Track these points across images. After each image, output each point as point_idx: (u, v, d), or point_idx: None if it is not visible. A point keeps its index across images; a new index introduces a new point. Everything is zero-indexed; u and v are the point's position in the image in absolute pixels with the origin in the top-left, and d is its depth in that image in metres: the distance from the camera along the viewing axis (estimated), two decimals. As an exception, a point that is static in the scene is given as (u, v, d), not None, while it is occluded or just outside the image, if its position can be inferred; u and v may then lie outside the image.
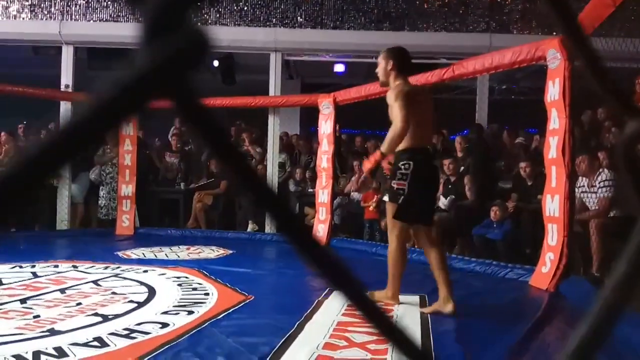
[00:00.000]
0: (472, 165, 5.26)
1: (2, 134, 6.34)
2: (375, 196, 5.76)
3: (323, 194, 5.76)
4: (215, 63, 7.76)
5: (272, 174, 6.43)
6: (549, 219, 3.56)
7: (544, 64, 3.68)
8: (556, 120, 3.51)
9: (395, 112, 2.58)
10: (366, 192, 5.96)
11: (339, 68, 7.98)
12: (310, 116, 6.92)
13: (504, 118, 7.26)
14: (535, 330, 2.45)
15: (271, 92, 6.48)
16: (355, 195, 6.20)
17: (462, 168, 5.20)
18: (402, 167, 2.65)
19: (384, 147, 2.63)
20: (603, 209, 3.87)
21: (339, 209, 6.18)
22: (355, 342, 2.14)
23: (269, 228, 6.39)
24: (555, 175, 3.52)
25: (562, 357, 0.31)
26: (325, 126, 5.80)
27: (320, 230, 5.73)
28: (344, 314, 2.59)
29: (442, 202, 5.23)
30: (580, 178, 4.07)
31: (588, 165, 4.00)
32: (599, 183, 3.94)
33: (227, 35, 6.14)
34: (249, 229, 6.61)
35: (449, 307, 2.62)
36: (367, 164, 2.78)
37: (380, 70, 2.84)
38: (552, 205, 3.53)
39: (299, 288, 3.43)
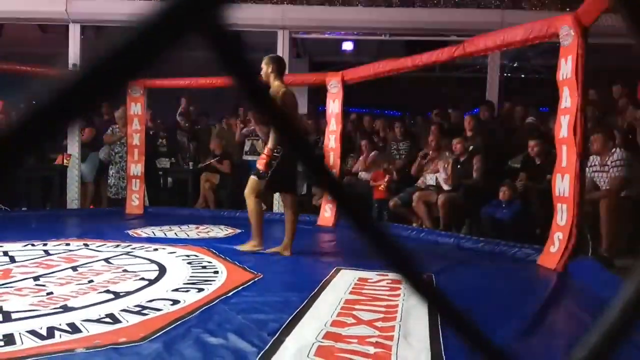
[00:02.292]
0: (482, 144, 5.21)
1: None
2: (387, 176, 5.77)
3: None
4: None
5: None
6: (559, 199, 3.53)
7: (557, 41, 3.60)
8: (568, 99, 3.45)
9: None
10: (375, 171, 5.95)
11: (348, 46, 7.89)
12: (318, 95, 6.87)
13: (515, 97, 7.17)
14: (542, 310, 2.46)
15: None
16: (364, 175, 6.18)
17: (471, 147, 5.15)
18: (275, 151, 3.50)
19: (270, 144, 3.51)
20: (614, 188, 3.83)
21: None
22: (362, 320, 2.16)
23: (276, 207, 6.42)
24: (565, 155, 3.48)
25: None
26: (333, 105, 5.76)
27: (328, 210, 5.75)
28: (351, 292, 2.62)
29: (432, 179, 5.23)
30: (592, 157, 4.02)
31: (602, 144, 3.94)
32: (612, 162, 3.89)
33: (233, 13, 6.05)
34: (257, 209, 6.64)
35: (287, 253, 3.69)
36: (263, 160, 3.58)
37: (262, 73, 3.60)
38: (562, 184, 3.50)
39: (306, 267, 3.46)
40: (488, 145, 5.25)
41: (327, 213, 5.73)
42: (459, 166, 5.11)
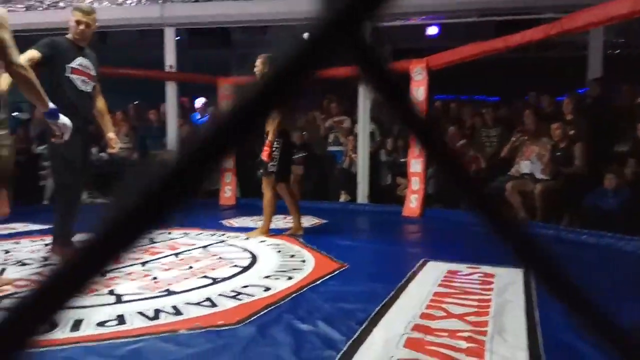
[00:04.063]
0: (584, 128, 4.79)
1: (117, 113, 6.99)
2: (473, 165, 5.53)
3: (416, 163, 5.63)
4: (306, 35, 7.77)
5: (363, 144, 6.40)
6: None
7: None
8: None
9: None
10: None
11: (432, 31, 7.62)
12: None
13: (620, 75, 6.48)
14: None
15: (361, 61, 6.38)
16: (451, 164, 5.97)
17: (571, 132, 4.76)
18: (276, 142, 3.91)
19: (270, 136, 3.88)
20: None
21: (433, 178, 6.01)
22: (453, 314, 2.10)
23: (360, 198, 6.42)
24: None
25: None
26: (418, 93, 5.61)
27: (413, 201, 5.64)
28: (440, 285, 2.55)
29: (526, 167, 4.88)
30: None
31: None
32: None
33: (310, 3, 6.11)
34: (341, 199, 6.70)
35: (300, 232, 4.12)
36: (265, 153, 3.90)
37: (257, 70, 3.89)
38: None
39: (392, 258, 3.43)
40: (591, 129, 4.82)
41: (412, 203, 5.63)
42: (558, 153, 4.75)
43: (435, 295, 2.37)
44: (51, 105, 2.39)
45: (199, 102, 7.25)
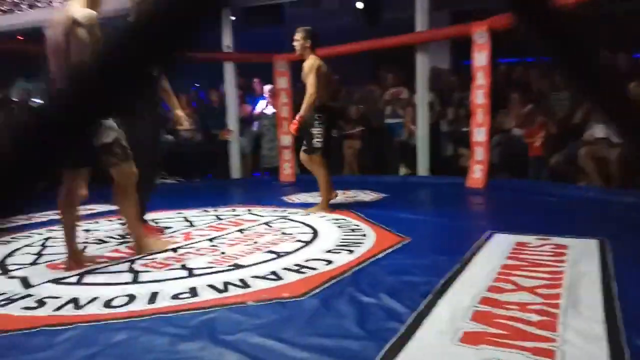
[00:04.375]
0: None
1: (180, 96, 7.24)
2: (542, 131, 5.24)
3: (479, 133, 5.41)
4: (359, 4, 7.61)
5: (422, 115, 6.22)
6: None
7: None
8: None
9: (310, 82, 3.84)
10: (530, 126, 5.43)
11: (494, -9, 7.17)
12: (462, 49, 6.42)
13: None
14: None
15: (417, 28, 6.15)
16: (517, 131, 5.69)
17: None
18: (317, 118, 3.92)
19: (302, 111, 3.88)
20: None
21: (498, 147, 5.76)
22: (523, 287, 2.02)
23: (421, 171, 6.29)
24: None
25: None
26: (480, 57, 5.34)
27: (477, 171, 5.44)
28: (508, 257, 2.46)
29: (602, 130, 4.51)
30: None
31: None
32: None
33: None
34: (400, 173, 6.60)
35: (327, 210, 4.02)
36: (293, 126, 3.97)
37: (298, 45, 3.96)
38: None
39: (456, 231, 3.35)
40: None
41: (476, 174, 5.44)
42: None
43: (504, 267, 2.30)
44: None
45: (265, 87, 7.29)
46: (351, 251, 2.73)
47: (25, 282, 2.35)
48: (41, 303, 2.05)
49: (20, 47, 7.35)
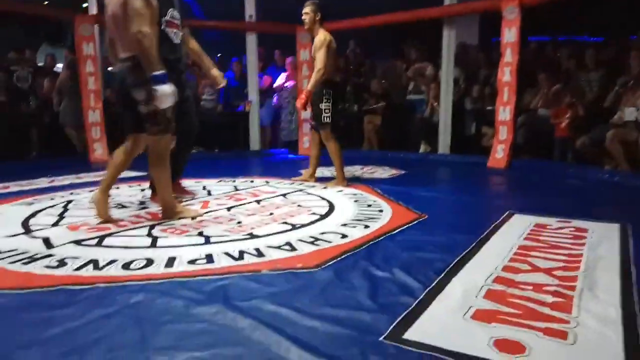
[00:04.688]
0: None
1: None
2: (569, 111, 5.10)
3: (504, 111, 5.29)
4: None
5: (446, 92, 6.10)
6: None
7: None
8: None
9: (320, 57, 3.85)
10: (557, 107, 5.29)
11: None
12: (491, 24, 6.22)
13: None
14: None
15: (446, 1, 5.98)
16: (543, 111, 5.55)
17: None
18: (325, 93, 3.94)
19: (310, 86, 3.90)
20: None
21: (523, 127, 5.63)
22: (539, 268, 2.00)
23: (442, 148, 6.21)
24: None
25: None
26: (510, 34, 5.18)
27: (500, 151, 5.34)
28: (526, 238, 2.43)
29: (631, 114, 4.37)
30: None
31: None
32: None
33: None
34: (421, 150, 6.53)
35: (344, 184, 4.05)
36: (301, 101, 3.91)
37: (307, 19, 3.93)
38: None
39: (474, 210, 3.31)
40: None
41: (498, 154, 5.35)
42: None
43: (521, 248, 2.27)
44: (158, 72, 2.52)
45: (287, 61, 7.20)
46: (367, 226, 2.73)
47: (48, 243, 2.42)
48: (62, 263, 2.11)
49: (44, 12, 7.39)
